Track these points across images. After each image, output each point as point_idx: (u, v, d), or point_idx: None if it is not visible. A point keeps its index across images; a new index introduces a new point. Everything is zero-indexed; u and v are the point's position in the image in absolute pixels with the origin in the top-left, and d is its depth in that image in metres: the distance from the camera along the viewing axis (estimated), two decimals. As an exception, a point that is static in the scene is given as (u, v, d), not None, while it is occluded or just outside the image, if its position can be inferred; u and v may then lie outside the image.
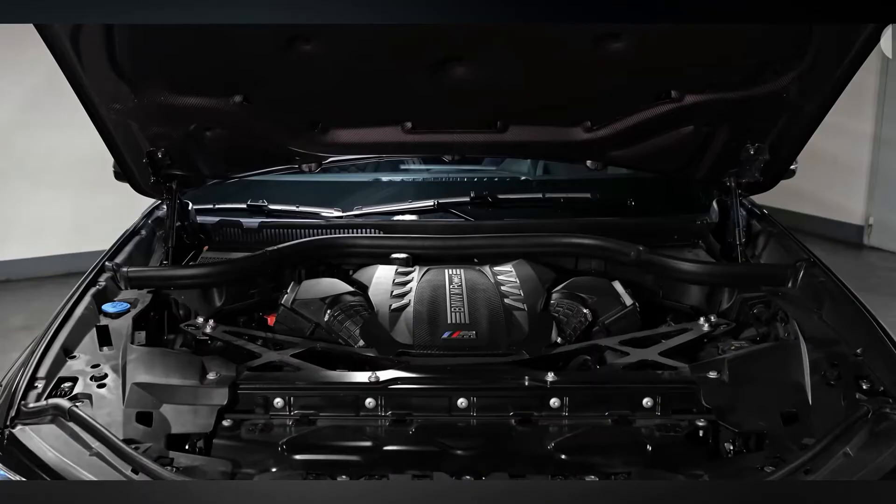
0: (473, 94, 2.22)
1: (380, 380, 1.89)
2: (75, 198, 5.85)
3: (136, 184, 2.53)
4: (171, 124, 2.34)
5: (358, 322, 2.23)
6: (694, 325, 2.22)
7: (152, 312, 2.23)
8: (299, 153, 2.50)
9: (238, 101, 2.26)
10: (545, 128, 2.43)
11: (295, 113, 2.38)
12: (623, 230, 2.65)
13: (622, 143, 2.46)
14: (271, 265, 2.51)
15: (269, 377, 1.99)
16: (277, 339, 2.23)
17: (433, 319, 2.13)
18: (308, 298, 2.33)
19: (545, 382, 1.87)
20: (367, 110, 2.38)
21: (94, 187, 5.03)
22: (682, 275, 2.42)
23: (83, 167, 5.15)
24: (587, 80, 2.21)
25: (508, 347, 2.06)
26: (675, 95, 2.25)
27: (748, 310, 2.26)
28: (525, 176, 3.25)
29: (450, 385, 1.90)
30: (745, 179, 2.49)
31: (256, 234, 2.76)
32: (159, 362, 1.96)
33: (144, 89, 2.20)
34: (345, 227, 2.76)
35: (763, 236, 2.65)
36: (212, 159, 2.53)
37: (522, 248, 2.57)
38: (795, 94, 2.18)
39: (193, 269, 2.50)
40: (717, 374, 1.90)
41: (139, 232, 2.69)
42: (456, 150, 2.56)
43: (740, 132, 2.37)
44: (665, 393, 1.89)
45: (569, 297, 2.32)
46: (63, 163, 5.71)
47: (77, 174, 5.72)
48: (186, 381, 1.88)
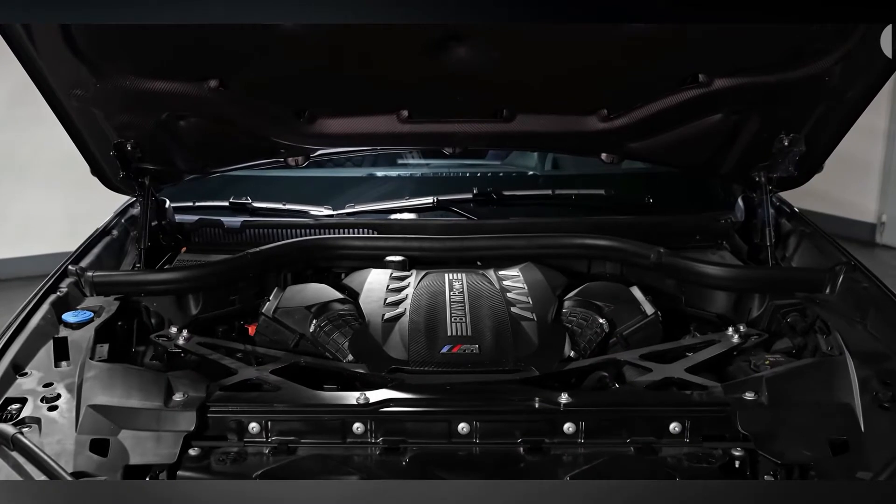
0: (476, 79, 2.14)
1: (370, 401, 1.75)
2: (65, 195, 5.79)
3: (105, 179, 2.45)
4: (140, 112, 2.25)
5: (347, 333, 2.11)
6: (722, 337, 2.09)
7: (120, 322, 2.12)
8: (284, 145, 2.40)
9: (213, 86, 2.15)
10: (556, 117, 2.34)
11: (277, 100, 2.29)
12: (640, 230, 2.56)
13: (641, 134, 2.37)
14: (253, 269, 2.41)
15: (243, 398, 1.84)
16: (258, 352, 2.13)
17: (431, 331, 2.02)
18: (292, 307, 2.21)
19: (558, 404, 1.74)
20: (358, 97, 2.29)
21: (85, 185, 4.97)
22: (707, 279, 2.30)
23: (73, 164, 5.14)
24: (604, 62, 2.12)
25: (516, 363, 1.94)
26: (703, 79, 2.15)
27: (781, 319, 2.15)
28: (533, 171, 3.22)
29: (449, 407, 1.78)
30: (777, 174, 2.41)
31: (239, 234, 2.67)
32: (120, 381, 1.81)
33: (107, 73, 2.10)
34: (335, 227, 2.68)
35: (794, 236, 2.54)
36: (188, 152, 2.43)
37: (530, 249, 2.49)
38: (838, 77, 2.09)
39: (166, 274, 2.39)
40: (755, 394, 1.76)
41: (110, 232, 2.60)
42: (457, 142, 2.46)
43: (773, 121, 2.28)
44: (695, 417, 1.74)
45: (583, 305, 2.20)
46: (52, 159, 5.67)
47: (67, 171, 5.65)
48: (149, 402, 1.74)
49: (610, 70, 2.15)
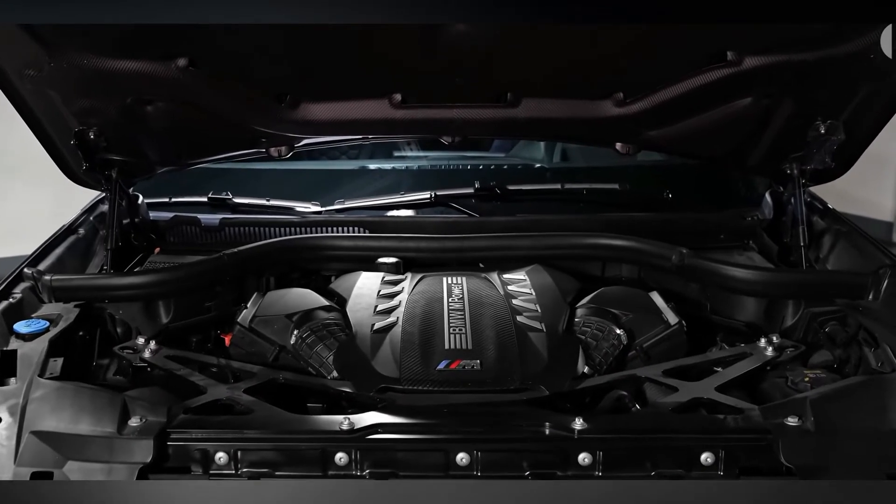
0: (477, 59, 2.07)
1: (355, 427, 1.62)
2: (55, 193, 5.79)
3: (69, 171, 2.37)
4: (101, 96, 2.15)
5: (332, 346, 1.99)
6: (754, 349, 1.98)
7: (81, 332, 2.00)
8: (265, 134, 2.30)
9: (182, 65, 2.05)
10: (566, 101, 2.24)
11: (255, 82, 2.19)
12: (658, 228, 2.47)
13: (661, 121, 2.27)
14: (230, 272, 2.29)
15: (210, 422, 1.71)
16: (232, 366, 2.00)
17: (426, 344, 1.91)
18: (271, 315, 2.09)
19: (572, 431, 1.61)
20: (345, 79, 2.19)
21: (76, 183, 5.14)
22: (736, 284, 2.18)
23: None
24: (620, 38, 2.03)
25: (522, 382, 1.82)
26: (732, 58, 2.05)
27: (818, 328, 2.04)
28: (540, 163, 3.14)
29: (447, 434, 1.65)
30: (812, 165, 2.30)
31: (217, 233, 2.56)
32: (70, 402, 1.68)
33: (61, 50, 2.01)
34: (323, 225, 2.58)
35: (829, 235, 2.44)
36: (158, 141, 2.33)
37: (538, 250, 2.40)
38: (883, 56, 1.98)
39: (133, 277, 2.28)
40: (799, 419, 1.62)
41: (76, 231, 2.47)
42: (456, 130, 2.35)
43: (810, 105, 2.18)
44: (730, 446, 1.61)
45: (597, 314, 2.10)
46: (42, 156, 5.63)
47: (57, 168, 5.71)
48: (100, 428, 1.61)
49: (627, 48, 2.06)
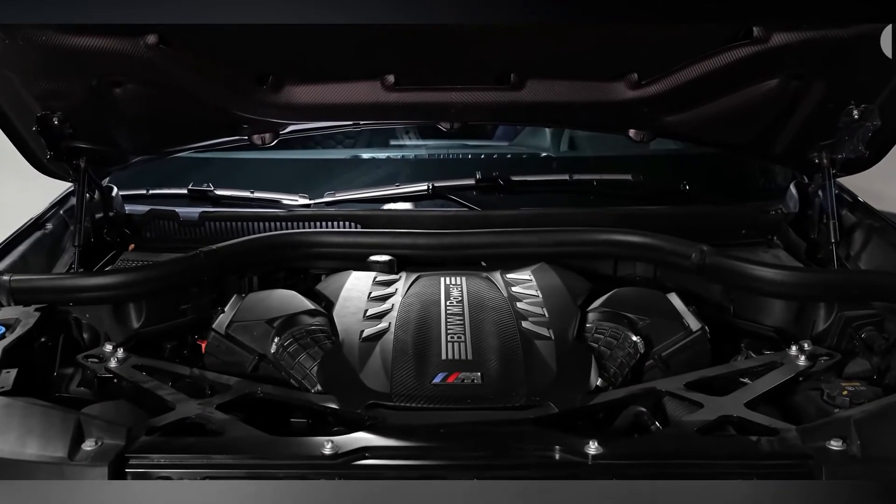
0: (478, 36, 1.98)
1: (339, 451, 1.50)
2: (45, 187, 5.79)
3: (35, 161, 2.27)
4: (64, 77, 2.07)
5: (316, 355, 1.88)
6: (784, 358, 1.87)
7: (42, 338, 1.92)
8: (246, 119, 2.22)
9: (151, 42, 1.95)
10: (575, 83, 2.16)
11: (233, 61, 2.10)
12: (675, 223, 2.39)
13: (679, 105, 2.19)
14: (207, 271, 2.19)
15: (175, 445, 1.59)
16: (207, 377, 1.87)
17: (421, 354, 1.82)
18: (250, 320, 2.00)
19: (585, 456, 1.50)
20: (333, 58, 2.10)
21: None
22: (763, 285, 2.09)
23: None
24: None
25: (529, 397, 1.72)
26: (758, 34, 1.96)
27: (854, 334, 1.96)
28: (546, 152, 3.05)
29: (444, 459, 1.55)
30: (843, 154, 2.21)
31: (197, 227, 2.50)
32: (18, 422, 1.57)
33: (16, 25, 1.92)
34: (312, 219, 2.52)
35: (861, 231, 2.35)
36: (130, 128, 2.25)
37: (544, 247, 2.33)
38: None
39: (100, 277, 2.18)
40: (843, 442, 1.50)
41: (43, 225, 2.40)
42: (454, 115, 2.26)
43: (843, 88, 2.10)
44: (766, 473, 1.51)
45: (611, 319, 2.01)
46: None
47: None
48: (49, 453, 1.50)
49: (643, 24, 1.97)
